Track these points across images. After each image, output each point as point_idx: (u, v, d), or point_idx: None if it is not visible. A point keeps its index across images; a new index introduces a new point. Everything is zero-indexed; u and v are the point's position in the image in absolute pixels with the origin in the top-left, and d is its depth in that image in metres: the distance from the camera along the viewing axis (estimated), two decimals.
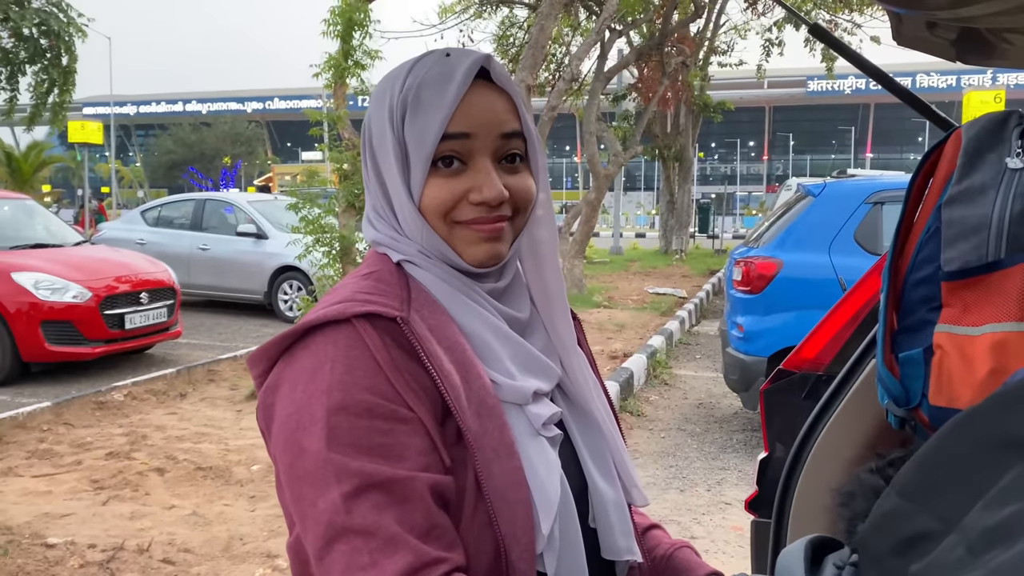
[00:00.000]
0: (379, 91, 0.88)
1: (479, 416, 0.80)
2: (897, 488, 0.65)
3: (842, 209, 5.50)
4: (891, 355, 1.14)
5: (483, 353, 0.85)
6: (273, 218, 10.67)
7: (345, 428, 0.74)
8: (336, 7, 7.17)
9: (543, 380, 0.88)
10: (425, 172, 0.83)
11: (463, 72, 0.83)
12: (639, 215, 54.64)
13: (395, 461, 0.74)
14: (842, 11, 16.15)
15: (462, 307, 0.86)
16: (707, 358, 8.64)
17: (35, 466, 4.65)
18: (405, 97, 0.84)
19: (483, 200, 0.83)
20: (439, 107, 0.82)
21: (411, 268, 0.88)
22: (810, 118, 63.27)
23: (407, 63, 0.88)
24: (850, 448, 1.37)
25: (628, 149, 14.45)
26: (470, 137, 0.83)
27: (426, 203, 0.85)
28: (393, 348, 0.79)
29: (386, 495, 0.73)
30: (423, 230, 0.86)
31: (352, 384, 0.76)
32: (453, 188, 0.84)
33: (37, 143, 29.47)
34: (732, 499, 4.56)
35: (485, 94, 0.85)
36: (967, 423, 0.61)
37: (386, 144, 0.85)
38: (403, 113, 0.84)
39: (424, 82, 0.84)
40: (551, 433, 0.85)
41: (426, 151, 0.83)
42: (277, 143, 66.56)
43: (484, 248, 0.86)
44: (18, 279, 6.83)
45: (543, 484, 0.80)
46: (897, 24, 1.50)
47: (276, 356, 0.82)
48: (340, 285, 0.87)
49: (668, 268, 17.91)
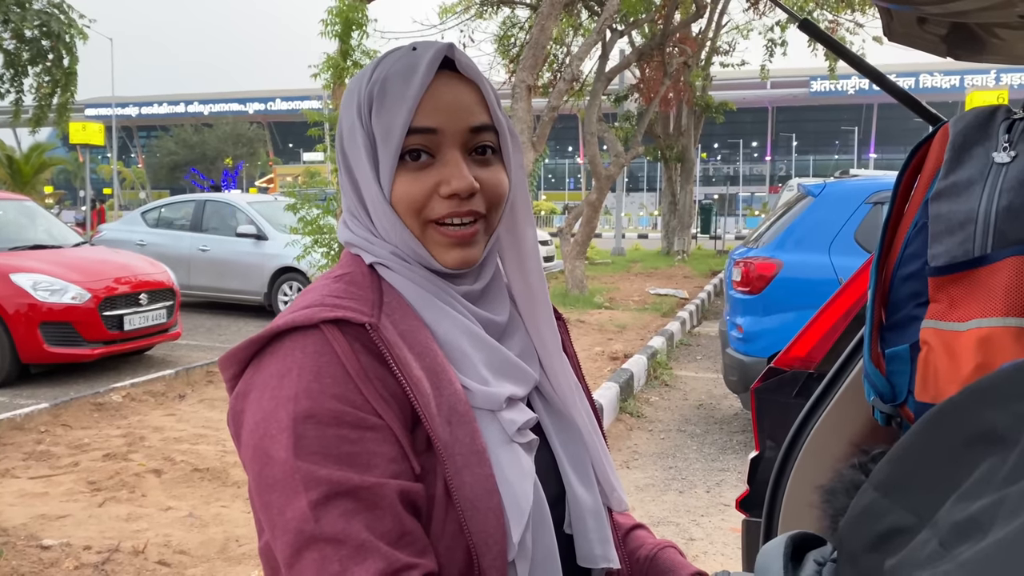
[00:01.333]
0: (349, 88, 0.88)
1: (449, 423, 0.78)
2: (874, 483, 0.65)
3: (842, 209, 5.48)
4: (878, 351, 1.12)
5: (456, 358, 0.83)
6: (273, 219, 10.67)
7: (312, 436, 0.73)
8: (334, 7, 7.16)
9: (518, 385, 0.86)
10: (393, 166, 0.82)
11: (426, 63, 0.82)
12: (641, 216, 54.65)
13: (363, 469, 0.73)
14: (844, 11, 16.12)
15: (435, 311, 0.85)
16: (708, 359, 8.61)
17: (32, 467, 4.64)
18: (371, 91, 0.83)
19: (452, 191, 0.82)
20: (403, 99, 0.81)
21: (384, 271, 0.86)
22: (813, 118, 63.27)
23: (375, 59, 0.87)
24: (839, 446, 1.36)
25: (630, 150, 14.43)
26: (436, 132, 0.82)
27: (397, 198, 0.83)
28: (362, 354, 0.78)
29: (355, 502, 0.72)
30: (396, 228, 0.84)
31: (320, 391, 0.75)
32: (422, 182, 0.82)
33: (38, 145, 29.49)
34: (732, 501, 4.54)
35: (451, 85, 0.83)
36: (942, 416, 0.60)
37: (356, 140, 0.84)
38: (370, 107, 0.83)
39: (389, 75, 0.83)
40: (525, 439, 0.84)
41: (393, 144, 0.82)
42: (279, 144, 66.66)
43: (456, 253, 0.85)
44: (17, 280, 6.83)
45: (515, 491, 0.79)
46: (888, 20, 1.49)
47: (246, 360, 0.81)
48: (311, 287, 0.86)
49: (670, 269, 17.89)
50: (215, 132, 55.60)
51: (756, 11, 17.98)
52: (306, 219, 6.89)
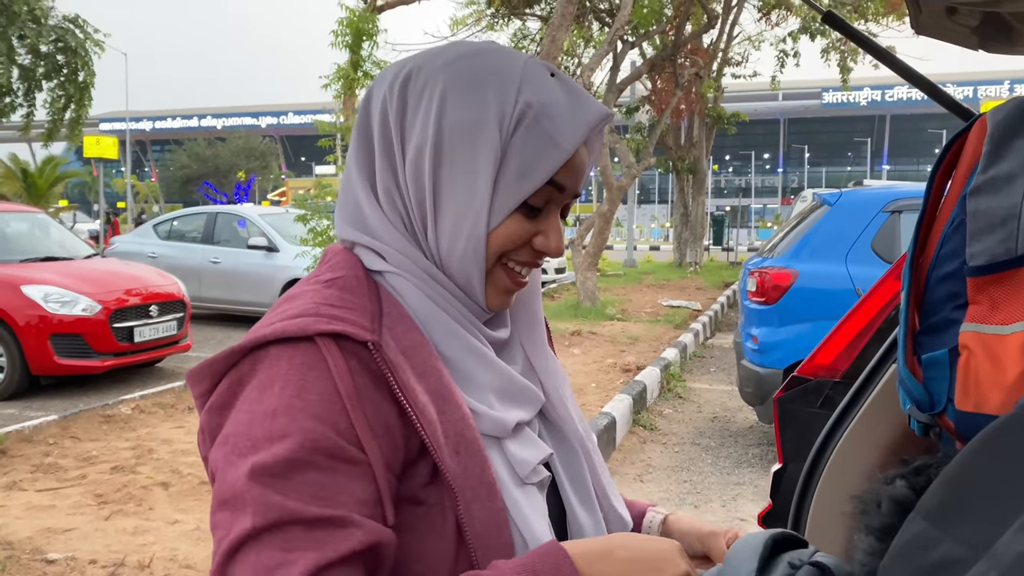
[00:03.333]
0: (474, 80, 0.76)
1: (457, 453, 0.72)
2: (922, 511, 0.59)
3: (859, 218, 5.40)
4: (913, 357, 1.05)
5: (462, 379, 0.77)
6: (284, 231, 10.67)
7: (281, 458, 0.65)
8: (344, 18, 7.16)
9: (526, 409, 0.81)
10: (517, 204, 0.76)
11: (589, 124, 0.77)
12: (653, 228, 54.56)
13: (325, 505, 0.65)
14: (858, 21, 16.06)
15: (444, 327, 0.78)
16: (722, 371, 8.52)
17: (40, 480, 4.60)
18: (523, 111, 0.75)
19: (547, 250, 0.79)
20: (557, 147, 0.75)
21: (392, 277, 0.79)
22: (825, 130, 63.18)
23: (507, 56, 0.78)
24: (870, 457, 1.29)
25: (641, 161, 14.38)
26: (564, 191, 0.78)
27: (497, 234, 0.76)
28: (359, 375, 0.70)
29: (305, 534, 0.64)
30: (472, 259, 0.77)
31: (300, 409, 0.67)
32: (527, 230, 0.78)
33: (52, 158, 29.74)
34: (748, 515, 4.45)
35: (583, 149, 0.79)
36: (995, 438, 0.55)
37: (481, 144, 0.74)
38: (517, 124, 0.74)
39: (548, 107, 0.75)
40: (539, 477, 0.78)
41: (529, 186, 0.75)
42: (291, 158, 67.08)
43: (507, 299, 0.81)
44: (28, 292, 6.83)
45: (532, 527, 0.74)
46: (916, 12, 1.42)
47: (221, 374, 0.73)
48: (297, 292, 0.77)
49: (682, 281, 17.81)
50: (228, 146, 55.95)
51: (768, 22, 17.95)
52: (316, 230, 6.87)
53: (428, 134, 0.75)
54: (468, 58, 0.77)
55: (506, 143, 0.74)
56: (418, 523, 0.71)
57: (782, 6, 16.99)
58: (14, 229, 8.28)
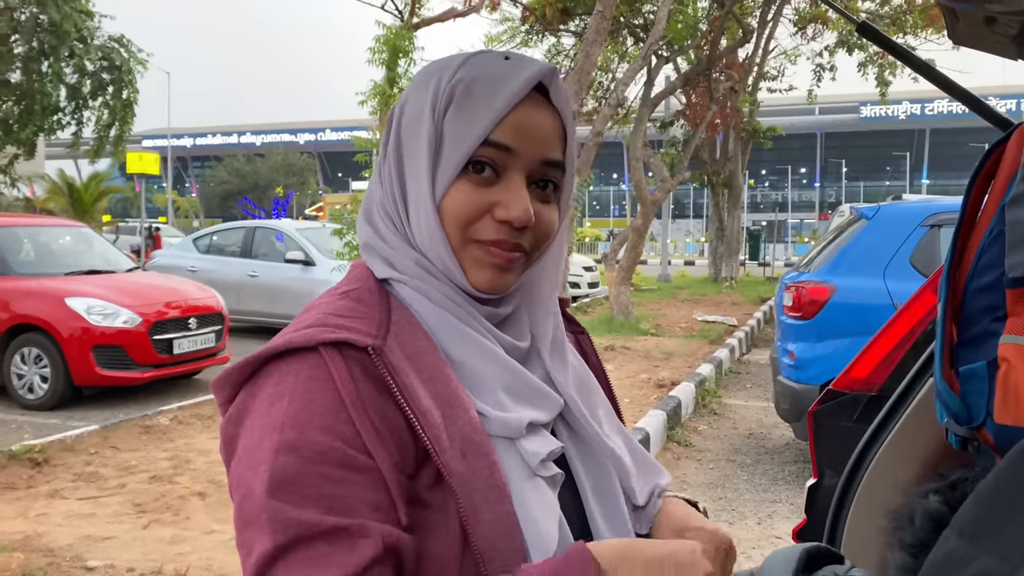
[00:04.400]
0: (423, 75, 0.82)
1: (464, 456, 0.72)
2: (957, 528, 0.58)
3: (897, 232, 5.32)
4: (951, 369, 1.03)
5: (472, 382, 0.77)
6: (321, 245, 10.79)
7: (292, 472, 0.67)
8: (381, 35, 7.26)
9: (541, 410, 0.80)
10: (456, 171, 0.76)
11: (523, 80, 0.77)
12: (688, 243, 54.23)
13: (340, 514, 0.66)
14: (896, 34, 15.88)
15: (452, 331, 0.79)
16: (758, 387, 8.42)
17: (80, 489, 4.69)
18: (454, 87, 0.77)
19: (508, 218, 0.76)
20: (488, 107, 0.76)
21: (399, 286, 0.80)
22: (863, 144, 62.34)
23: (461, 54, 0.82)
24: (907, 471, 1.26)
25: (676, 175, 14.32)
26: (511, 152, 0.77)
27: (447, 206, 0.77)
28: (362, 381, 0.71)
29: (328, 546, 0.65)
30: (435, 236, 0.78)
31: (307, 422, 0.68)
32: (479, 199, 0.77)
33: (97, 174, 30.43)
34: (783, 533, 4.39)
35: (538, 111, 0.78)
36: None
37: (421, 131, 0.78)
38: (448, 103, 0.77)
39: (478, 77, 0.77)
40: (549, 472, 0.77)
41: (463, 149, 0.76)
42: (328, 174, 67.84)
43: (491, 274, 0.79)
44: (72, 304, 6.98)
45: (538, 530, 0.72)
46: (953, 22, 1.41)
47: (239, 383, 0.75)
48: (314, 304, 0.80)
49: (717, 296, 17.65)
50: (267, 162, 56.81)
51: (804, 36, 17.82)
52: (352, 244, 6.93)
53: (391, 133, 0.82)
54: (432, 63, 0.83)
55: (439, 120, 0.77)
56: (423, 525, 0.71)
57: (818, 20, 16.86)
58: (59, 243, 8.49)
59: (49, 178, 31.42)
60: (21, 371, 7.03)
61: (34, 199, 31.04)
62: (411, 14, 9.99)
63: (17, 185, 23.37)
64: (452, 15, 11.61)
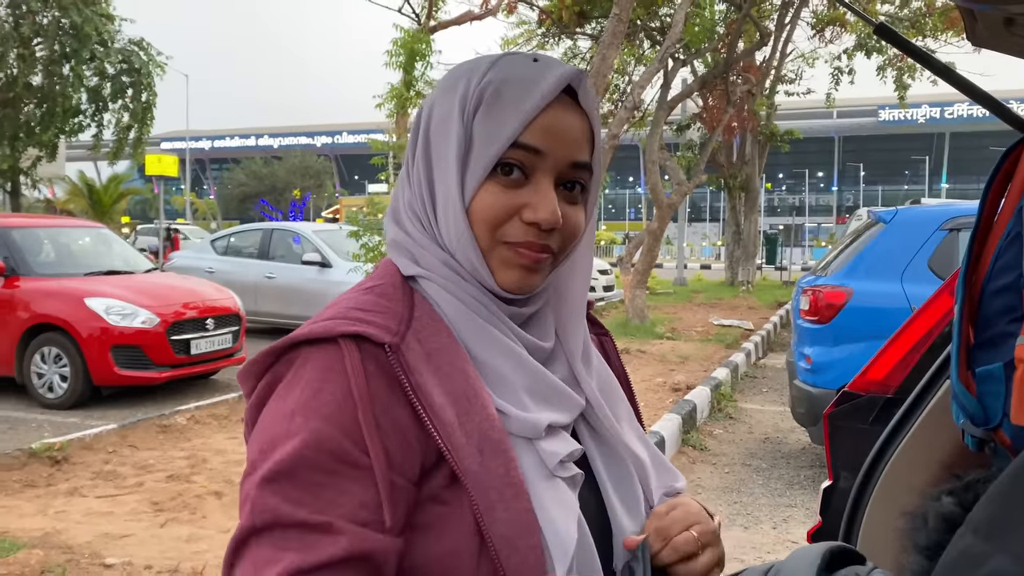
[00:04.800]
0: (451, 78, 0.82)
1: (480, 453, 0.73)
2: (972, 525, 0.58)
3: (916, 236, 5.29)
4: (967, 371, 1.03)
5: (493, 381, 0.78)
6: (337, 247, 10.84)
7: (287, 457, 0.69)
8: (399, 38, 7.29)
9: (561, 412, 0.81)
10: (485, 174, 0.77)
11: (552, 82, 0.78)
12: (704, 246, 54.02)
13: (323, 504, 0.69)
14: (915, 37, 15.78)
15: (475, 329, 0.79)
16: (774, 391, 8.38)
17: (99, 487, 4.73)
18: (483, 89, 0.78)
19: (536, 220, 0.77)
20: (518, 110, 0.76)
21: (425, 283, 0.81)
22: (881, 148, 61.92)
23: (488, 57, 0.83)
24: (923, 473, 1.26)
25: (692, 178, 14.28)
26: (540, 154, 0.77)
27: (476, 208, 0.78)
28: (375, 377, 0.72)
29: (296, 536, 0.68)
30: (464, 237, 0.79)
31: (314, 410, 0.71)
32: (507, 200, 0.78)
33: (116, 176, 30.72)
34: (799, 538, 4.36)
35: (567, 113, 0.79)
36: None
37: (449, 133, 0.79)
38: (477, 105, 0.78)
39: (508, 79, 0.78)
40: (568, 473, 0.78)
41: (493, 151, 0.77)
42: (345, 176, 68.14)
43: (519, 274, 0.80)
44: (91, 304, 7.05)
45: (557, 529, 0.73)
46: (972, 23, 1.41)
47: (262, 372, 0.77)
48: (339, 298, 0.82)
49: (734, 300, 17.57)
50: (284, 164, 57.17)
51: (822, 39, 17.72)
52: (368, 246, 6.97)
53: (418, 135, 0.82)
54: (460, 65, 0.84)
55: (468, 123, 0.78)
56: (438, 522, 0.72)
57: (837, 23, 16.77)
58: (79, 244, 8.58)
59: (69, 180, 31.76)
60: (41, 370, 7.10)
61: (54, 200, 31.38)
62: (428, 17, 10.03)
63: (38, 187, 23.64)
64: (468, 18, 11.65)
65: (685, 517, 0.82)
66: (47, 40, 18.58)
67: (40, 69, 19.10)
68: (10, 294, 7.26)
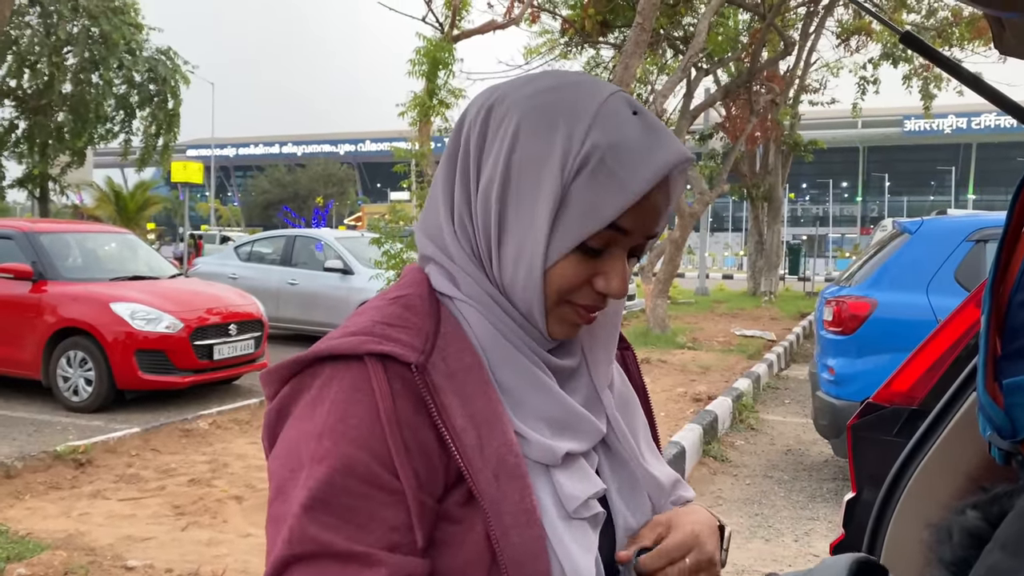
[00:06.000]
0: (546, 118, 0.75)
1: (496, 477, 0.72)
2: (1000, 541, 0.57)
3: (941, 247, 5.23)
4: (994, 382, 1.02)
5: (515, 405, 0.77)
6: (359, 254, 10.90)
7: (321, 483, 0.69)
8: (421, 47, 7.33)
9: (580, 440, 0.80)
10: (574, 246, 0.74)
11: (660, 165, 0.73)
12: (726, 256, 53.73)
13: (358, 530, 0.68)
14: (942, 46, 15.65)
15: (504, 354, 0.78)
16: (796, 403, 8.31)
17: (122, 490, 4.77)
18: (589, 153, 0.73)
19: (607, 292, 0.77)
20: (624, 190, 0.73)
21: (460, 305, 0.80)
22: (907, 158, 61.37)
23: (582, 84, 0.77)
24: (949, 485, 1.24)
25: (714, 188, 14.22)
26: (626, 233, 0.76)
27: (554, 275, 0.76)
28: (401, 397, 0.72)
29: (336, 568, 0.68)
30: (531, 291, 0.77)
31: (342, 434, 0.70)
32: (585, 271, 0.76)
33: (143, 183, 31.15)
34: (821, 551, 4.32)
35: (659, 192, 0.76)
36: None
37: (542, 184, 0.74)
38: (580, 167, 0.73)
39: (617, 147, 0.73)
40: (590, 512, 0.77)
41: (588, 228, 0.74)
42: (368, 184, 68.52)
43: (572, 330, 0.80)
44: (116, 309, 7.13)
45: (576, 565, 0.73)
46: (999, 31, 1.39)
47: (286, 379, 0.77)
48: (365, 308, 0.81)
49: (756, 310, 17.45)
50: (307, 172, 57.59)
51: (847, 48, 17.61)
52: (390, 253, 6.99)
53: (498, 168, 0.76)
54: (548, 92, 0.77)
55: (567, 184, 0.74)
56: (452, 541, 0.72)
57: (862, 32, 16.66)
58: (105, 249, 8.68)
59: (96, 186, 32.20)
60: (67, 374, 7.19)
61: (81, 207, 31.82)
62: (451, 26, 10.07)
63: (66, 193, 24.00)
64: (492, 27, 11.67)
65: (683, 542, 0.81)
66: (77, 48, 18.91)
67: (70, 77, 19.43)
68: (37, 298, 7.36)
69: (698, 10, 13.49)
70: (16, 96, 19.87)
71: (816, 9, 16.44)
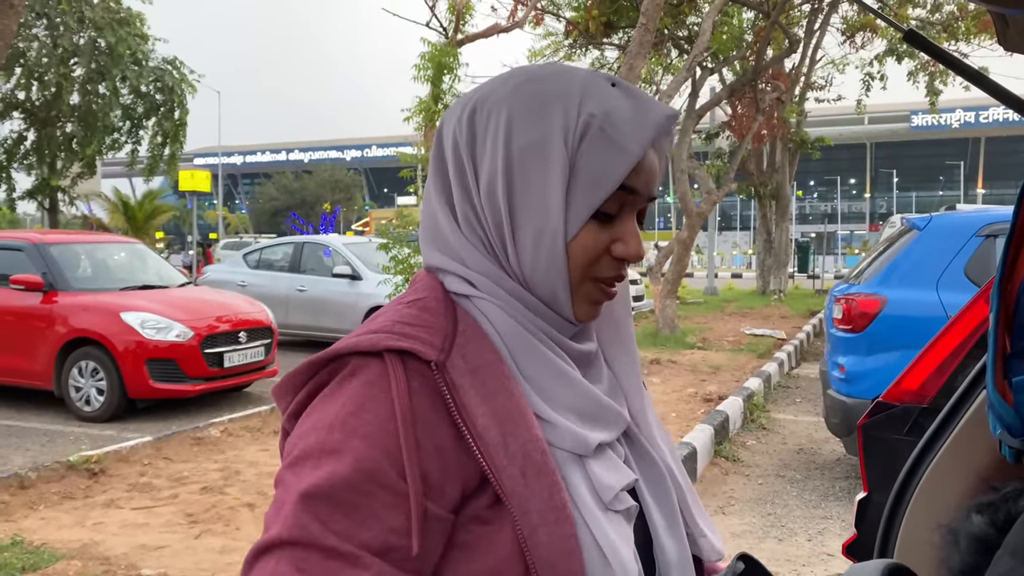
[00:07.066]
0: (536, 103, 0.77)
1: (523, 475, 0.71)
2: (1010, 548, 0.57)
3: (951, 243, 5.20)
4: (1003, 380, 1.01)
5: (542, 399, 0.77)
6: (367, 260, 10.91)
7: (325, 475, 0.68)
8: (426, 52, 7.35)
9: (608, 430, 0.79)
10: (590, 213, 0.76)
11: (652, 124, 0.77)
12: (735, 255, 53.61)
13: (352, 527, 0.67)
14: (948, 42, 15.58)
15: (524, 346, 0.78)
16: (807, 401, 8.28)
17: (135, 498, 4.79)
18: (588, 122, 0.75)
19: (626, 256, 0.78)
20: (626, 153, 0.75)
21: (478, 302, 0.79)
22: (914, 154, 61.10)
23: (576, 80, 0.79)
24: (960, 484, 1.23)
25: (721, 187, 14.20)
26: (635, 193, 0.77)
27: (576, 247, 0.77)
28: (419, 395, 0.71)
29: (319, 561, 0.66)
30: (555, 269, 0.77)
31: (353, 428, 0.69)
32: (603, 239, 0.77)
33: (151, 192, 31.29)
34: (835, 550, 4.30)
35: (652, 151, 0.79)
36: None
37: (550, 162, 0.75)
38: (581, 136, 0.75)
39: (611, 114, 0.76)
40: (624, 505, 0.76)
41: (601, 194, 0.75)
42: (375, 189, 68.68)
43: (596, 309, 0.81)
44: (126, 318, 7.16)
45: (621, 559, 0.72)
46: (1003, 27, 1.38)
47: (302, 384, 0.76)
48: (381, 311, 0.80)
49: (766, 309, 17.39)
50: (314, 178, 57.80)
51: (852, 45, 17.56)
52: (397, 258, 7.01)
53: (499, 159, 0.77)
54: (530, 83, 0.79)
55: (573, 155, 0.76)
56: (480, 542, 0.71)
57: (867, 28, 16.61)
58: (115, 259, 8.73)
59: (105, 196, 32.37)
60: (79, 384, 7.22)
61: (91, 217, 31.99)
62: (455, 31, 10.10)
63: (75, 203, 24.13)
64: (496, 31, 11.69)
65: None
66: (83, 59, 19.02)
67: (78, 88, 19.55)
68: (48, 309, 7.40)
69: (702, 9, 13.49)
70: (24, 108, 20.02)
71: (820, 6, 16.40)
